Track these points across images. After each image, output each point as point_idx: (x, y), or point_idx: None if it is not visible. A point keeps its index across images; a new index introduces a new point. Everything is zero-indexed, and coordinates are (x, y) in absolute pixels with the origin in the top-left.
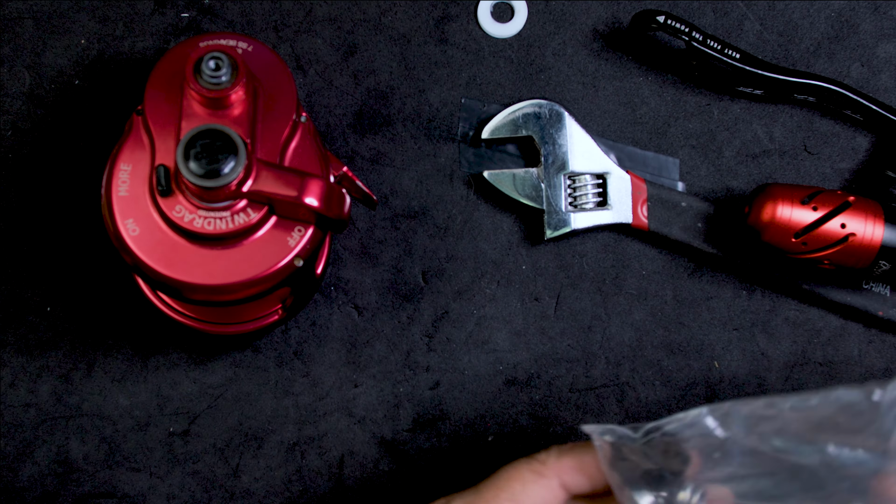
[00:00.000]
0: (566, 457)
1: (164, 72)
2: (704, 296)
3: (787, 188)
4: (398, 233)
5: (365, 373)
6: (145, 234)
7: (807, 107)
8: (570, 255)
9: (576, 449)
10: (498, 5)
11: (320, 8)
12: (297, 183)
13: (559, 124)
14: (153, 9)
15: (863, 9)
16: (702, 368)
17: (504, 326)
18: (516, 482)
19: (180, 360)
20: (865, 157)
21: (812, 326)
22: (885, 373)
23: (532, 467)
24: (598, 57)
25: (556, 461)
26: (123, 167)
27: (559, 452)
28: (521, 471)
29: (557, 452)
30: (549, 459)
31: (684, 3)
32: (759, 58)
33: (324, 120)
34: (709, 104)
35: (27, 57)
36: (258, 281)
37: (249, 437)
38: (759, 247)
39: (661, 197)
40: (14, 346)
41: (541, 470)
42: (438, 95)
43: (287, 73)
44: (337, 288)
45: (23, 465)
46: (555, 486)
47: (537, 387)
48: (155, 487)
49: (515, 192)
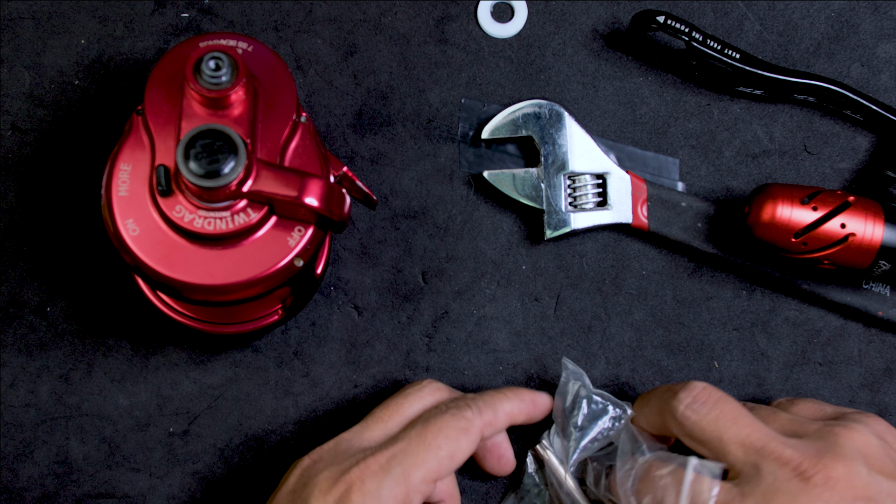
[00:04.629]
0: (486, 412)
1: (164, 72)
2: (704, 296)
3: (787, 188)
4: (398, 233)
5: (365, 373)
6: (145, 234)
7: (807, 107)
8: (570, 255)
9: (492, 403)
10: (498, 5)
11: (320, 8)
12: (297, 183)
13: (559, 124)
14: (153, 9)
15: (863, 9)
16: (702, 368)
17: (504, 326)
18: (450, 440)
19: (180, 360)
20: (865, 157)
21: (812, 326)
22: (885, 373)
23: (460, 425)
24: (598, 57)
25: (478, 418)
26: (123, 167)
27: (478, 409)
28: (451, 427)
29: (477, 409)
30: (474, 417)
31: (684, 3)
32: (759, 58)
33: (324, 120)
34: (709, 104)
35: (27, 57)
36: (258, 281)
37: (249, 437)
38: (758, 247)
39: (661, 197)
40: (14, 346)
41: (468, 427)
42: (438, 95)
43: (287, 73)
44: (337, 288)
45: (23, 465)
46: (477, 439)
47: (537, 387)
48: (155, 487)
49: (515, 192)
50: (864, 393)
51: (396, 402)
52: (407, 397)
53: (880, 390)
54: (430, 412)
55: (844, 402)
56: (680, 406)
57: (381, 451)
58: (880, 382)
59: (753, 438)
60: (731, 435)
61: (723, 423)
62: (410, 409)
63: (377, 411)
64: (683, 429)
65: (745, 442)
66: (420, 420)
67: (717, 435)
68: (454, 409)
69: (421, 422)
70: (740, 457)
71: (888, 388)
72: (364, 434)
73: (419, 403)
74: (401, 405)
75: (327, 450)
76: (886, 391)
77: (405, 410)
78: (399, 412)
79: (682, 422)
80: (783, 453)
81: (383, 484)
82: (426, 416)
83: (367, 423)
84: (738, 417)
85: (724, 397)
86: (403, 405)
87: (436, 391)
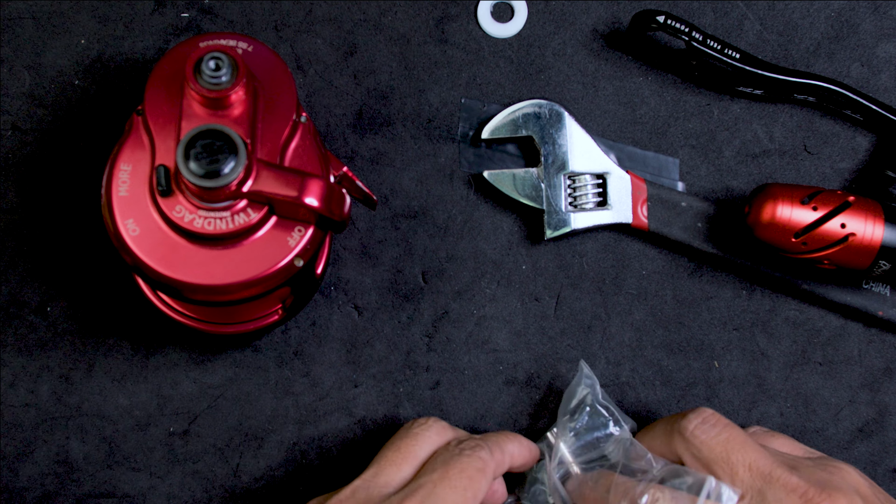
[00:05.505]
0: (496, 453)
1: (164, 72)
2: (704, 296)
3: (787, 188)
4: (398, 233)
5: (365, 373)
6: (145, 234)
7: (807, 107)
8: (570, 255)
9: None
10: (498, 5)
11: (320, 8)
12: (297, 183)
13: (559, 124)
14: (153, 9)
15: (863, 9)
16: (702, 368)
17: (504, 326)
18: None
19: (180, 360)
20: (865, 157)
21: (812, 326)
22: (885, 373)
23: (479, 465)
24: (598, 57)
25: (491, 458)
26: (123, 167)
27: (490, 450)
28: (472, 468)
29: (489, 450)
30: (488, 458)
31: (684, 3)
32: (759, 58)
33: (324, 120)
34: (709, 104)
35: (27, 57)
36: (258, 281)
37: (249, 437)
38: (758, 247)
39: (661, 197)
40: (14, 346)
41: (484, 468)
42: (438, 95)
43: (287, 73)
44: (337, 288)
45: (23, 465)
46: (492, 479)
47: (537, 387)
48: (155, 487)
49: (515, 192)
50: (864, 393)
51: (406, 445)
52: (416, 438)
53: (880, 390)
54: (444, 454)
55: (844, 402)
56: (690, 425)
57: (409, 498)
58: (880, 382)
59: (761, 464)
60: (739, 457)
61: (732, 445)
62: (421, 450)
63: (388, 454)
64: (691, 447)
65: (752, 466)
66: (438, 462)
67: (725, 456)
68: (468, 450)
69: (440, 464)
70: (747, 480)
71: (888, 388)
72: (379, 479)
73: (429, 445)
74: (412, 447)
75: (345, 499)
76: (886, 391)
77: (417, 452)
78: (412, 454)
79: (691, 440)
80: (789, 480)
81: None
82: (444, 459)
83: (380, 466)
84: (746, 443)
85: (733, 424)
86: (414, 448)
87: (442, 431)
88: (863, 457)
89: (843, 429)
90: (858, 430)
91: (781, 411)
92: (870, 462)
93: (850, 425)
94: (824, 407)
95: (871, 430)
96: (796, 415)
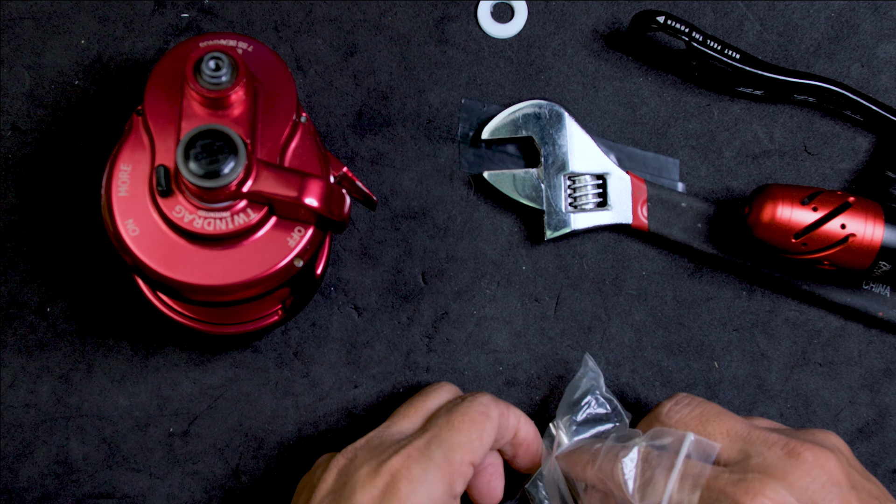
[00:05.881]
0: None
1: (164, 72)
2: (704, 296)
3: (787, 188)
4: (398, 233)
5: (365, 373)
6: (145, 234)
7: (807, 107)
8: (570, 256)
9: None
10: (498, 5)
11: (320, 8)
12: (297, 183)
13: (559, 125)
14: (153, 9)
15: (863, 9)
16: (702, 369)
17: (504, 327)
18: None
19: (180, 361)
20: (865, 158)
21: (812, 327)
22: (885, 373)
23: (481, 409)
24: (598, 57)
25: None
26: (123, 167)
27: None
28: (474, 412)
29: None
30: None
31: (684, 3)
32: (759, 58)
33: (324, 120)
34: (709, 104)
35: (27, 57)
36: (258, 281)
37: (249, 437)
38: (758, 247)
39: (661, 197)
40: (14, 346)
41: (486, 412)
42: (438, 95)
43: (287, 73)
44: (337, 288)
45: (23, 465)
46: (496, 424)
47: (537, 387)
48: (155, 488)
49: (515, 193)
50: (864, 393)
51: (418, 400)
52: (427, 394)
53: (880, 391)
54: (449, 404)
55: (844, 403)
56: (664, 409)
57: (417, 439)
58: (880, 383)
59: (738, 428)
60: (715, 427)
61: (706, 416)
62: (432, 403)
63: (401, 409)
64: (668, 426)
65: (729, 432)
66: (443, 411)
67: (702, 428)
68: (470, 398)
69: (444, 412)
70: (726, 445)
71: (888, 389)
72: (392, 429)
73: (438, 398)
74: (423, 402)
75: (360, 446)
76: (886, 392)
77: (427, 405)
78: (422, 407)
79: (666, 422)
80: (769, 437)
81: (428, 468)
82: (448, 407)
83: (393, 419)
84: (721, 413)
85: (706, 400)
86: (426, 402)
87: (452, 390)
88: (863, 457)
89: (843, 429)
90: (858, 431)
91: (781, 412)
92: (870, 462)
93: (850, 426)
94: (824, 408)
95: (871, 431)
96: (796, 415)
